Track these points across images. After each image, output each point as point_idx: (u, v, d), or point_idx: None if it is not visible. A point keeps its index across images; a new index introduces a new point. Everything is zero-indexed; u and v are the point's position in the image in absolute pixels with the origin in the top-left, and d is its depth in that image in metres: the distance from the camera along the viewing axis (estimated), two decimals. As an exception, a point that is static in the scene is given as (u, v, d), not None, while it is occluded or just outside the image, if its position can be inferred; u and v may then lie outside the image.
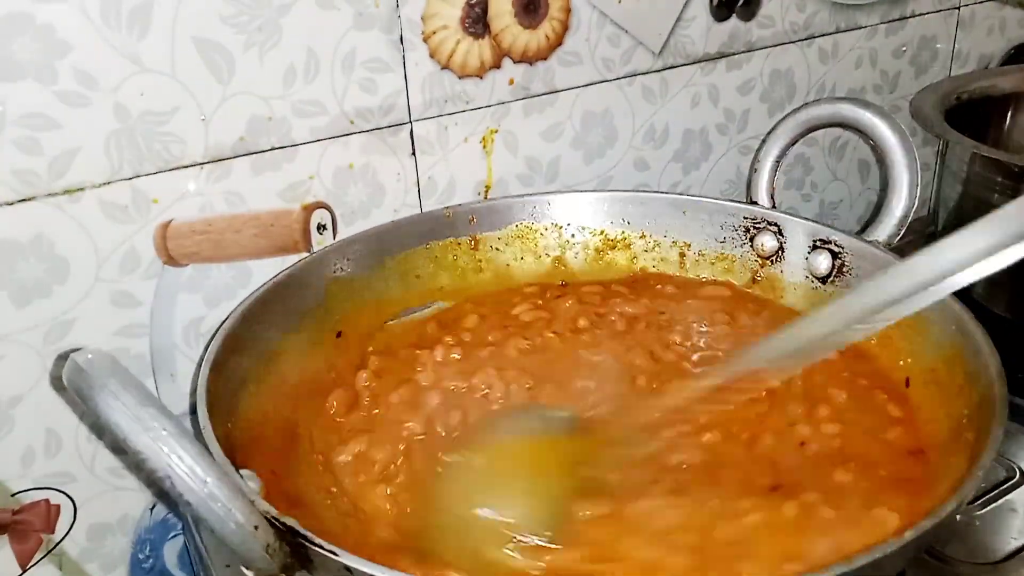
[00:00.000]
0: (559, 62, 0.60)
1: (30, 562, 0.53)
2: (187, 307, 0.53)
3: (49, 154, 0.47)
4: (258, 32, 0.50)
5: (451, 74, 0.57)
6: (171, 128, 0.49)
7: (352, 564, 0.33)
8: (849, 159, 0.77)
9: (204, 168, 0.51)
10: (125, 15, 0.46)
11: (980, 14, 0.79)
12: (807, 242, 0.55)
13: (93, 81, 0.47)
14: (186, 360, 0.54)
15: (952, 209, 0.67)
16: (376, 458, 0.44)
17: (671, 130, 0.67)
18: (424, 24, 0.55)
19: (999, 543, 0.45)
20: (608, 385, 0.48)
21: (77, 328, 0.50)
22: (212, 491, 0.33)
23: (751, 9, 0.66)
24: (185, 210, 0.51)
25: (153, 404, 0.33)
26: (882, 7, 0.72)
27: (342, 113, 0.54)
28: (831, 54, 0.71)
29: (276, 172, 0.53)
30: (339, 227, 0.56)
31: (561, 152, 0.63)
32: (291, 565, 0.34)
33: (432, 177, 0.59)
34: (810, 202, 0.76)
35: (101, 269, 0.50)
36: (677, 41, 0.64)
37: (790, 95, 0.71)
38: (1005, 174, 0.63)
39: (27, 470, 0.51)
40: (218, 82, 0.50)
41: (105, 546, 0.55)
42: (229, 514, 0.33)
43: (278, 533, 0.34)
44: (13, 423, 0.50)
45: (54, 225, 0.48)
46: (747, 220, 0.57)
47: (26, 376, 0.50)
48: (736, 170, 0.71)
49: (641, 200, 0.59)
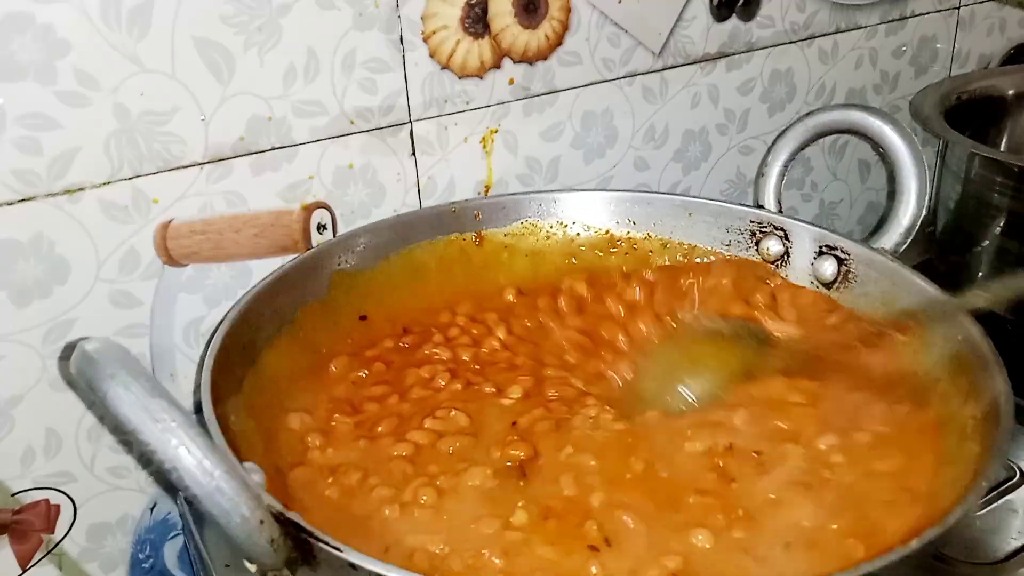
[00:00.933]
0: (559, 62, 0.60)
1: (30, 562, 0.53)
2: (187, 307, 0.53)
3: (49, 154, 0.47)
4: (258, 32, 0.50)
5: (451, 74, 0.57)
6: (171, 128, 0.49)
7: (356, 561, 0.33)
8: (849, 159, 0.77)
9: (204, 168, 0.51)
10: (125, 15, 0.46)
11: (980, 14, 0.79)
12: (813, 247, 0.55)
13: (93, 81, 0.47)
14: (186, 360, 0.54)
15: (952, 209, 0.67)
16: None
17: (671, 130, 0.67)
18: (424, 24, 0.55)
19: (999, 543, 0.45)
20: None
21: (77, 328, 0.50)
22: (219, 484, 0.32)
23: (751, 9, 0.66)
24: (185, 210, 0.51)
25: (163, 395, 0.33)
26: (882, 7, 0.72)
27: (342, 113, 0.54)
28: (831, 54, 0.71)
29: (276, 172, 0.53)
30: (339, 227, 0.56)
31: (561, 152, 0.63)
32: (295, 560, 0.34)
33: (432, 177, 0.59)
34: (810, 202, 0.76)
35: (101, 269, 0.50)
36: (677, 41, 0.64)
37: (790, 95, 0.71)
38: (1005, 174, 0.63)
39: (27, 470, 0.51)
40: (218, 82, 0.50)
41: (105, 546, 0.55)
42: (235, 508, 0.33)
43: (283, 528, 0.34)
44: (13, 423, 0.50)
45: (54, 225, 0.48)
46: (753, 224, 0.57)
47: (26, 376, 0.50)
48: (736, 170, 0.71)
49: (647, 201, 0.59)
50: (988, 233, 0.65)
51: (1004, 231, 0.64)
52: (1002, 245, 0.64)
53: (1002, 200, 0.63)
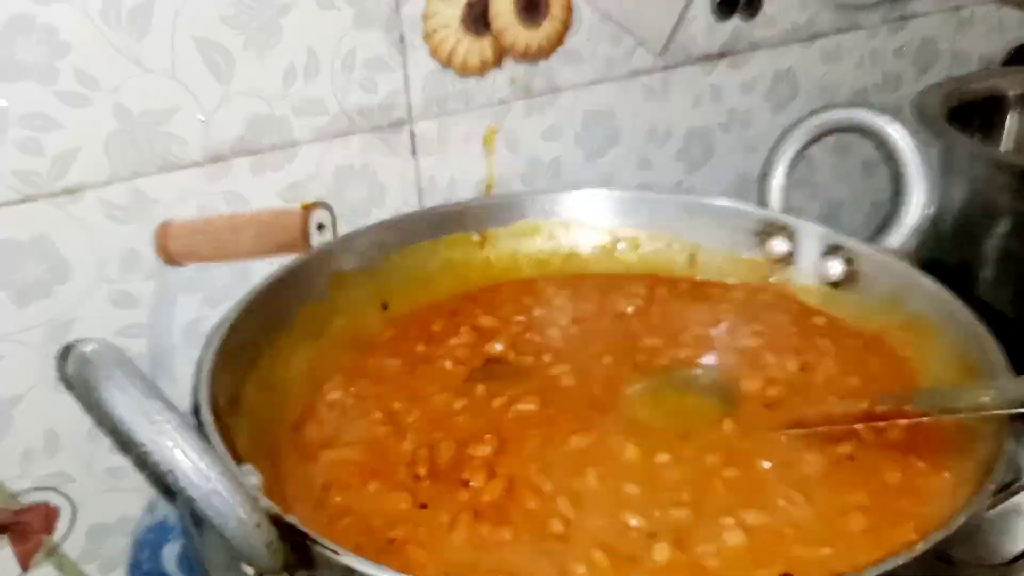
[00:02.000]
0: (560, 61, 0.60)
1: (30, 563, 0.53)
2: (187, 307, 0.53)
3: (50, 154, 0.47)
4: (258, 32, 0.50)
5: (452, 73, 0.56)
6: (171, 128, 0.49)
7: (354, 564, 0.32)
8: (854, 158, 0.76)
9: (204, 168, 0.51)
10: (125, 15, 0.46)
11: (981, 15, 0.78)
12: (819, 247, 0.55)
13: (94, 81, 0.47)
14: (186, 361, 0.54)
15: (955, 210, 0.67)
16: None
17: (673, 129, 0.66)
18: (424, 23, 0.55)
19: (1006, 545, 0.45)
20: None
21: (77, 328, 0.50)
22: (216, 487, 0.32)
23: (753, 9, 0.66)
24: (185, 210, 0.51)
25: (159, 397, 0.32)
26: (883, 7, 0.72)
27: (342, 112, 0.54)
28: (833, 54, 0.71)
29: (276, 172, 0.53)
30: (339, 227, 0.56)
31: (563, 151, 0.63)
32: (292, 563, 0.34)
33: (433, 176, 0.58)
34: (814, 201, 0.76)
35: (101, 269, 0.50)
36: (679, 40, 0.64)
37: (793, 95, 0.71)
38: (1007, 174, 0.63)
39: (27, 470, 0.51)
40: (218, 82, 0.50)
41: (105, 547, 0.55)
42: (232, 511, 0.32)
43: (280, 531, 0.34)
44: (12, 423, 0.50)
45: (55, 225, 0.48)
46: (758, 223, 0.56)
47: (26, 376, 0.50)
48: (739, 169, 0.71)
49: (651, 200, 0.59)
50: (990, 233, 0.65)
51: (1006, 231, 0.64)
52: (1005, 245, 0.64)
53: (1004, 200, 0.63)
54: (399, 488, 0.42)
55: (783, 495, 0.41)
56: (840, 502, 0.41)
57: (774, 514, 0.40)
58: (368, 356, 0.51)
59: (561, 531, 0.39)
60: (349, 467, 0.43)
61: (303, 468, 0.43)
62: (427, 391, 0.48)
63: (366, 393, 0.48)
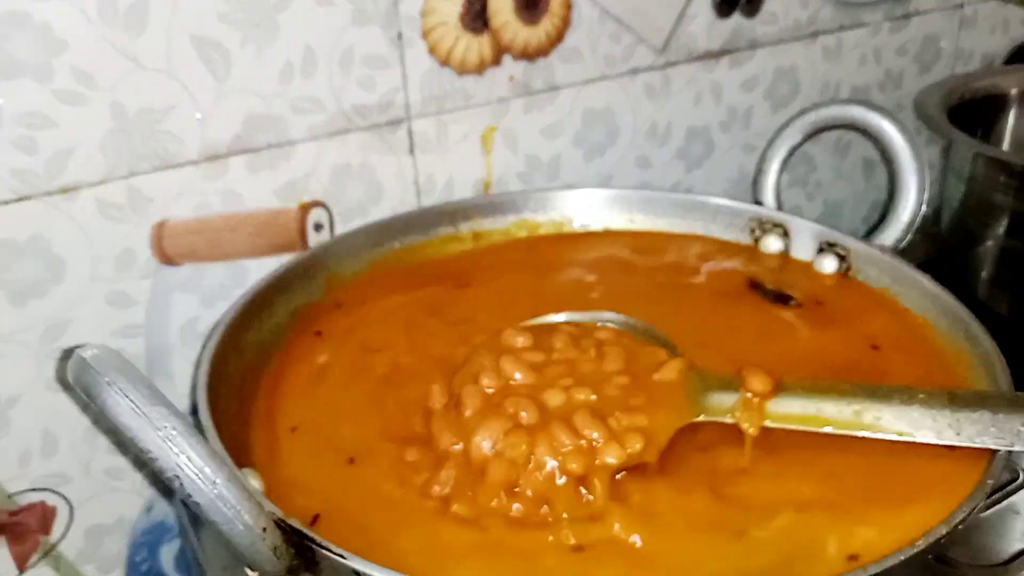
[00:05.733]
0: (560, 59, 0.60)
1: (27, 563, 0.53)
2: (183, 307, 0.53)
3: (45, 153, 0.47)
4: (255, 29, 0.50)
5: (450, 71, 0.56)
6: (168, 126, 0.49)
7: (360, 568, 0.32)
8: (854, 158, 0.76)
9: (200, 166, 0.51)
10: (122, 13, 0.46)
11: (983, 12, 0.78)
12: (814, 244, 0.55)
13: (90, 79, 0.46)
14: (182, 360, 0.54)
15: (955, 208, 0.67)
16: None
17: (673, 128, 0.66)
18: (423, 20, 0.54)
19: (1002, 545, 0.45)
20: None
21: (73, 328, 0.50)
22: (221, 492, 0.32)
23: (754, 6, 0.66)
24: (181, 209, 0.51)
25: (162, 402, 0.32)
26: (885, 5, 0.72)
27: (340, 110, 0.54)
28: (835, 52, 0.71)
29: (273, 170, 0.53)
30: (336, 226, 0.56)
31: (562, 150, 0.62)
32: (297, 567, 0.34)
33: (431, 175, 0.58)
34: (813, 201, 0.76)
35: (97, 268, 0.50)
36: (679, 38, 0.63)
37: (794, 93, 0.70)
38: (1008, 173, 0.63)
39: (24, 471, 0.51)
40: (215, 80, 0.49)
41: (102, 548, 0.55)
42: (238, 516, 0.33)
43: (285, 535, 0.34)
44: (9, 424, 0.50)
45: (50, 224, 0.48)
46: (753, 221, 0.57)
47: (22, 377, 0.50)
48: (739, 168, 0.70)
49: (646, 198, 0.59)
50: (992, 232, 0.65)
51: (1007, 230, 0.64)
52: (1005, 244, 0.64)
53: (1005, 199, 0.63)
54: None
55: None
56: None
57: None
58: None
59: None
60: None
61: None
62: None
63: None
